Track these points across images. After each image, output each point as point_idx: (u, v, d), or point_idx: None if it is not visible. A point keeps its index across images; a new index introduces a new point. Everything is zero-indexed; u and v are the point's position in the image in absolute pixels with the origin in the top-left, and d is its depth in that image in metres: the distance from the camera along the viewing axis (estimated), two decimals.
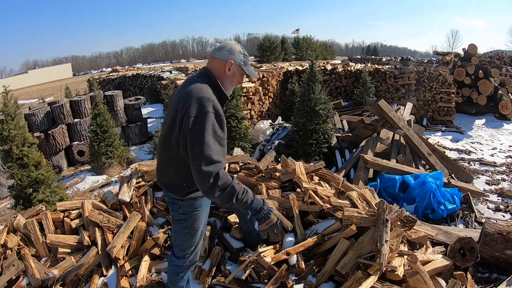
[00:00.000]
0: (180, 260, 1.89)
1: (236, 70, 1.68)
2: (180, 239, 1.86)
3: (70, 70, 46.72)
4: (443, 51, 12.80)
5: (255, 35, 68.98)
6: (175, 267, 1.91)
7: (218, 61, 1.65)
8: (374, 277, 1.83)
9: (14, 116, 3.66)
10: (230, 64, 1.65)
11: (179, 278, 1.93)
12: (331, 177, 2.84)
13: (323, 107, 4.53)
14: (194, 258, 1.93)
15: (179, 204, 1.75)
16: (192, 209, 1.76)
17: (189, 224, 1.80)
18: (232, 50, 1.65)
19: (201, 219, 1.83)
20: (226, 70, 1.65)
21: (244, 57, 1.69)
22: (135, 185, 2.85)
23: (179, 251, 1.88)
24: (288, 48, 32.50)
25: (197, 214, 1.79)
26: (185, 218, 1.77)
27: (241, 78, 1.75)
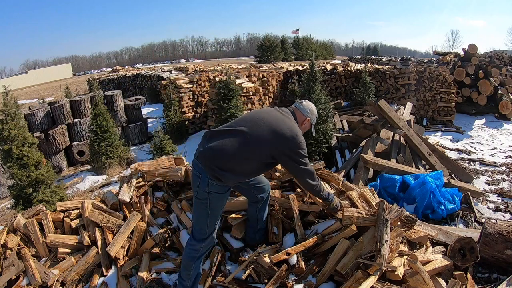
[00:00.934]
0: (199, 243, 2.00)
1: (308, 125, 2.20)
2: (201, 220, 1.99)
3: (70, 70, 46.78)
4: (443, 51, 12.79)
5: (255, 35, 69.14)
6: (192, 250, 2.02)
7: (300, 114, 2.14)
8: (374, 277, 1.83)
9: (14, 116, 3.66)
10: (307, 121, 2.17)
11: (194, 262, 2.03)
12: (331, 177, 2.83)
13: (323, 107, 4.53)
14: (211, 241, 2.07)
15: (207, 182, 1.89)
16: (218, 190, 1.92)
17: (212, 205, 1.94)
18: (312, 112, 2.18)
19: (223, 202, 2.03)
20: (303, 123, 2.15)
21: (315, 119, 2.24)
22: (135, 185, 2.85)
23: (199, 233, 2.01)
24: (288, 48, 32.55)
25: (220, 197, 1.96)
26: (209, 197, 1.92)
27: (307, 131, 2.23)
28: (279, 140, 1.90)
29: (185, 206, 2.69)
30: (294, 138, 1.92)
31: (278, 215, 2.45)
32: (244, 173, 1.96)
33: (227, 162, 1.88)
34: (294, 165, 1.96)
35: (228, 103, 5.14)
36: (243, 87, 5.98)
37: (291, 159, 1.93)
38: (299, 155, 1.93)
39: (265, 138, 1.89)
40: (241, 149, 1.87)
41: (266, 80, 7.11)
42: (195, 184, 1.96)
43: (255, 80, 6.79)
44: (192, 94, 7.62)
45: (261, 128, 1.90)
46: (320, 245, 2.21)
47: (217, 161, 1.87)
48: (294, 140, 1.91)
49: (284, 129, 1.92)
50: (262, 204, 2.32)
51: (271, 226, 2.44)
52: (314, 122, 2.22)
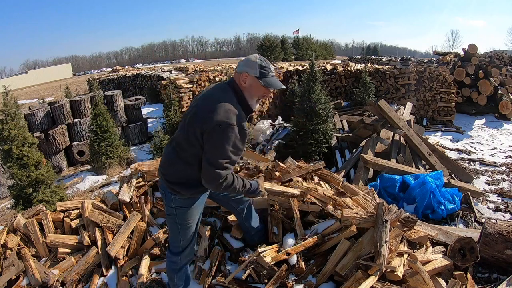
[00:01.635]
0: (175, 256, 1.94)
1: (252, 82, 1.69)
2: (173, 234, 1.92)
3: (70, 70, 46.78)
4: (443, 51, 12.80)
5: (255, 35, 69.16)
6: (171, 263, 1.97)
7: (236, 74, 1.72)
8: (373, 277, 1.83)
9: (14, 116, 3.66)
10: (244, 77, 1.68)
11: (176, 274, 1.98)
12: (331, 177, 2.84)
13: (323, 107, 4.53)
14: (189, 255, 1.97)
15: (171, 197, 1.80)
16: (183, 204, 1.80)
17: (180, 219, 1.84)
18: (248, 63, 1.68)
19: (193, 216, 1.86)
20: (241, 82, 1.69)
21: (261, 69, 1.67)
22: (135, 185, 2.85)
23: (174, 247, 1.94)
24: (288, 48, 32.56)
25: (188, 210, 1.82)
26: (176, 213, 1.82)
27: (263, 90, 1.72)
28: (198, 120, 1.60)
29: None
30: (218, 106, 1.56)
31: (278, 215, 2.45)
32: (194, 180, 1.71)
33: (173, 172, 1.75)
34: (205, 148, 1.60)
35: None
36: None
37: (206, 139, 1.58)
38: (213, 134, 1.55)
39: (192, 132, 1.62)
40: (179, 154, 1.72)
41: None
42: (163, 201, 1.90)
43: None
44: (192, 94, 7.61)
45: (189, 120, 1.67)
46: (320, 245, 2.21)
47: (167, 174, 1.78)
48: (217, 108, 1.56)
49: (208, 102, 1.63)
50: (245, 214, 2.25)
51: (271, 226, 2.44)
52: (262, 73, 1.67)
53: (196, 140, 1.62)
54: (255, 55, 1.73)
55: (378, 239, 1.90)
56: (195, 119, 1.62)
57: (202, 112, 1.61)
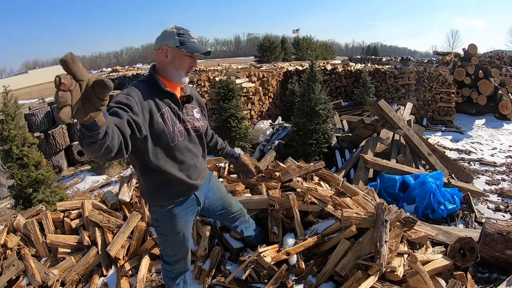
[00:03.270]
0: (168, 265, 1.86)
1: (175, 53, 1.50)
2: (162, 245, 1.82)
3: None
4: (443, 51, 12.80)
5: (255, 35, 69.10)
6: (166, 271, 1.89)
7: (155, 52, 1.53)
8: (373, 277, 1.83)
9: (14, 116, 3.66)
10: (165, 50, 1.49)
11: (172, 281, 1.90)
12: (331, 177, 2.84)
13: (323, 107, 4.53)
14: (183, 267, 1.87)
15: (152, 209, 1.70)
16: (164, 216, 1.66)
17: (164, 232, 1.72)
18: (164, 35, 1.50)
19: (178, 228, 1.69)
20: (163, 58, 1.50)
21: (179, 36, 1.48)
22: (135, 185, 2.85)
23: (165, 256, 1.85)
24: (288, 48, 32.53)
25: (171, 223, 1.67)
26: (159, 225, 1.71)
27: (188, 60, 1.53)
28: None
29: None
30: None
31: (278, 215, 2.45)
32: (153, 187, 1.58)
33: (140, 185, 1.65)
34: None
35: (228, 103, 5.14)
36: (243, 87, 5.98)
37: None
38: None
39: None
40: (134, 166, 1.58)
41: (266, 80, 7.11)
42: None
43: (255, 80, 6.80)
44: None
45: None
46: (320, 245, 2.21)
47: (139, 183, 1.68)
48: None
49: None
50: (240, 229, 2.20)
51: (271, 226, 2.44)
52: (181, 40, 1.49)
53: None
54: (171, 26, 1.54)
55: (378, 239, 1.91)
56: None
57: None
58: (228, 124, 5.10)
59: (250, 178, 2.22)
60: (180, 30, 1.51)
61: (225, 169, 3.08)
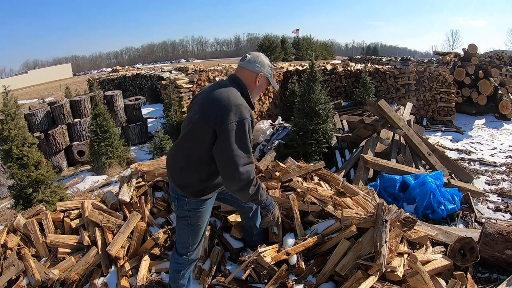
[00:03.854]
0: (182, 257, 1.94)
1: (264, 82, 1.81)
2: (184, 236, 1.92)
3: (70, 70, 46.81)
4: (443, 51, 12.80)
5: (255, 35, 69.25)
6: (176, 264, 1.97)
7: (249, 73, 1.75)
8: (373, 277, 1.83)
9: (14, 116, 3.67)
10: (260, 77, 1.76)
11: (180, 275, 1.98)
12: (331, 177, 2.83)
13: (323, 107, 4.53)
14: (196, 255, 1.99)
15: (185, 200, 1.82)
16: (197, 206, 1.83)
17: (193, 222, 1.86)
18: (263, 64, 1.77)
19: (205, 217, 1.90)
20: (256, 81, 1.76)
21: (271, 70, 1.82)
22: (135, 185, 2.85)
23: (182, 248, 1.94)
24: (288, 48, 32.56)
25: (201, 212, 1.85)
26: (190, 215, 1.84)
27: (265, 89, 1.83)
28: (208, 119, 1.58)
29: None
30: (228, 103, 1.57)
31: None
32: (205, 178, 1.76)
33: (181, 176, 1.77)
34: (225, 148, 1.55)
35: None
36: None
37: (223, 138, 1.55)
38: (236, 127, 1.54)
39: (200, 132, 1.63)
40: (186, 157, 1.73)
41: None
42: (174, 204, 1.91)
43: None
44: (192, 94, 7.62)
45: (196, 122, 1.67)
46: (320, 245, 2.21)
47: (175, 179, 1.80)
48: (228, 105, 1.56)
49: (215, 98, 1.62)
50: (252, 212, 2.25)
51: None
52: (271, 74, 1.80)
53: (208, 141, 1.61)
54: (261, 54, 1.81)
55: (378, 239, 1.90)
56: (206, 120, 1.60)
57: (213, 113, 1.58)
58: None
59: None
60: (270, 63, 1.83)
61: None
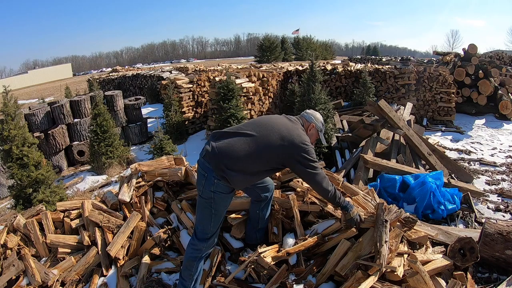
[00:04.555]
0: (201, 242, 2.02)
1: (314, 132, 2.20)
2: (204, 219, 2.01)
3: (70, 70, 46.83)
4: (443, 51, 12.78)
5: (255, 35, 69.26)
6: (195, 250, 2.03)
7: (305, 121, 2.19)
8: (373, 277, 1.83)
9: (14, 116, 3.67)
10: (312, 127, 2.18)
11: (196, 262, 2.04)
12: (331, 177, 2.83)
13: (323, 107, 4.53)
14: (213, 242, 2.08)
15: (213, 181, 1.90)
16: (223, 190, 1.94)
17: (216, 205, 1.96)
18: (318, 119, 2.21)
19: (227, 203, 2.05)
20: (308, 129, 2.17)
21: (322, 126, 2.23)
22: (135, 185, 2.85)
23: (202, 233, 2.02)
24: (288, 48, 32.57)
25: (225, 197, 1.98)
26: (214, 197, 1.94)
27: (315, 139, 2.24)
28: (288, 146, 1.94)
29: (185, 206, 2.69)
30: (302, 144, 1.96)
31: (278, 215, 2.46)
32: (251, 176, 1.98)
33: (236, 163, 1.89)
34: (303, 169, 1.98)
35: (228, 103, 5.14)
36: (243, 87, 5.98)
37: (300, 163, 1.96)
38: (307, 159, 1.96)
39: (274, 144, 1.93)
40: (251, 152, 1.90)
41: (266, 80, 7.11)
42: (200, 183, 1.96)
43: (255, 80, 6.79)
44: (192, 94, 7.62)
45: (271, 134, 1.95)
46: (320, 245, 2.21)
47: (226, 161, 1.88)
48: (302, 146, 1.96)
49: (293, 136, 1.97)
50: (265, 203, 2.33)
51: (271, 226, 2.44)
52: (321, 129, 2.23)
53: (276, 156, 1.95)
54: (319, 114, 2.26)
55: (378, 239, 1.91)
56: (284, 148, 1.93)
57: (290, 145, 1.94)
58: (228, 124, 5.10)
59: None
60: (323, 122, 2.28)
61: None
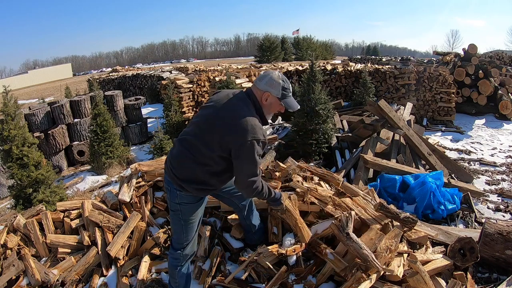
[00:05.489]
0: (177, 252, 1.98)
1: (273, 101, 1.82)
2: (177, 230, 1.96)
3: (70, 70, 46.82)
4: (443, 51, 12.78)
5: (255, 35, 69.26)
6: (173, 259, 2.00)
7: (258, 90, 1.81)
8: (373, 277, 1.83)
9: (14, 116, 3.67)
10: (266, 96, 1.80)
11: (177, 271, 2.00)
12: (331, 177, 2.83)
13: (323, 107, 4.53)
14: (190, 250, 2.02)
15: (176, 193, 1.85)
16: (188, 201, 1.87)
17: (184, 216, 1.90)
18: (271, 83, 1.78)
19: (196, 213, 1.94)
20: (263, 100, 1.81)
21: (283, 90, 1.80)
22: (135, 185, 2.85)
23: (176, 243, 1.98)
24: (288, 48, 32.57)
25: (192, 207, 1.89)
26: (180, 209, 1.88)
27: (280, 107, 1.86)
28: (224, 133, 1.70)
29: None
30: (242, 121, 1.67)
31: (278, 215, 2.45)
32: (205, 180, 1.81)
33: (183, 171, 1.79)
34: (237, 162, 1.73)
35: None
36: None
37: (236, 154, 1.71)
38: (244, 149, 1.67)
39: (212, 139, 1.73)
40: (193, 154, 1.76)
41: None
42: (167, 196, 1.95)
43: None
44: (192, 94, 7.62)
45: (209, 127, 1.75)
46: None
47: (175, 171, 1.81)
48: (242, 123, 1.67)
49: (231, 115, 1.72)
50: (247, 211, 2.27)
51: (271, 226, 2.44)
52: (283, 94, 1.80)
53: (217, 148, 1.72)
54: (277, 74, 1.81)
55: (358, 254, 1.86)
56: (220, 131, 1.70)
57: (227, 127, 1.70)
58: None
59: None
60: (285, 83, 1.81)
61: None
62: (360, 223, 2.24)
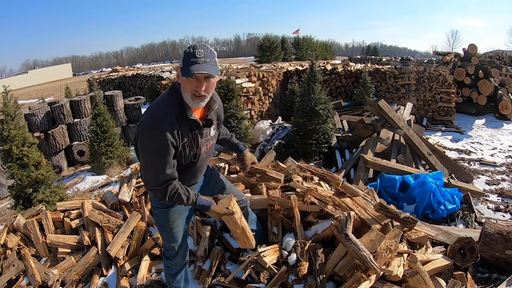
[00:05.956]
0: (168, 260, 1.92)
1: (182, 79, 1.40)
2: (162, 237, 1.90)
3: (70, 70, 46.79)
4: (443, 51, 12.77)
5: (255, 35, 69.18)
6: (167, 267, 1.96)
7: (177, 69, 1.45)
8: (373, 277, 1.83)
9: (14, 116, 3.66)
10: (178, 71, 1.41)
11: (172, 278, 1.95)
12: (331, 177, 2.83)
13: (323, 107, 4.53)
14: (180, 260, 1.91)
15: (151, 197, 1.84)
16: (159, 205, 1.74)
17: (159, 222, 1.80)
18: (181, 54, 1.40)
19: (172, 218, 1.75)
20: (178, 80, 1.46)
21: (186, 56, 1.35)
22: (135, 185, 2.85)
23: (166, 251, 1.93)
24: (288, 48, 32.53)
25: (164, 212, 1.73)
26: (155, 213, 1.79)
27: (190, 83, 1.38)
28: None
29: None
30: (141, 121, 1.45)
31: (278, 215, 2.45)
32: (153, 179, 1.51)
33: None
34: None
35: (228, 103, 5.14)
36: (243, 87, 5.97)
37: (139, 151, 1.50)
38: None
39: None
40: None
41: (266, 80, 7.11)
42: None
43: (255, 80, 6.79)
44: None
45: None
46: None
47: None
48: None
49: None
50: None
51: (271, 226, 2.44)
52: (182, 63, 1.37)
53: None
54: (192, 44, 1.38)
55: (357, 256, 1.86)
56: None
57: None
58: (228, 124, 5.10)
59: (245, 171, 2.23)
60: (190, 49, 1.36)
61: (225, 169, 3.08)
62: (360, 223, 2.24)
